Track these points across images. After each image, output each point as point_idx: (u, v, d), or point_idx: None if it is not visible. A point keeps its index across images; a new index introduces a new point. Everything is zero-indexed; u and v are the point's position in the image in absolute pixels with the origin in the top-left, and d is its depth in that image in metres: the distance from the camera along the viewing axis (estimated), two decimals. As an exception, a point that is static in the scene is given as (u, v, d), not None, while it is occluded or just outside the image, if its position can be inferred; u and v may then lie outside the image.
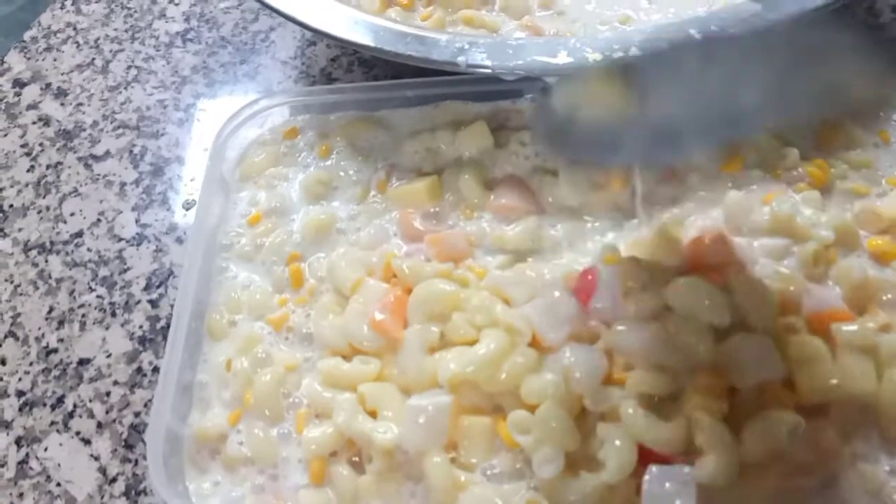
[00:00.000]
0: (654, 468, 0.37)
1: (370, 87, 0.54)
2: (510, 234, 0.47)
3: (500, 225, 0.48)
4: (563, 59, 0.46)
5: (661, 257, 0.43)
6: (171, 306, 0.52)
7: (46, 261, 0.58)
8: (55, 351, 0.53)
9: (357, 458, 0.41)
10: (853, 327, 0.39)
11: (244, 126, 0.54)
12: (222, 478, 0.42)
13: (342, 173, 0.51)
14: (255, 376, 0.44)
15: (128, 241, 0.58)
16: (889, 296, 0.41)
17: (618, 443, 0.37)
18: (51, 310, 0.55)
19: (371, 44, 0.49)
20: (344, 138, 0.53)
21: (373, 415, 0.41)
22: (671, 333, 0.39)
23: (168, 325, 0.51)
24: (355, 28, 0.50)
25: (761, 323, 0.39)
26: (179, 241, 0.57)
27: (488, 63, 0.47)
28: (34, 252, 0.59)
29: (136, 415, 0.50)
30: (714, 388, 0.38)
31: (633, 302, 0.40)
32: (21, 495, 0.48)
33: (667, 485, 0.36)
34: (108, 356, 0.53)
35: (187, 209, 0.59)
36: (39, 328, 0.55)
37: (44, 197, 0.62)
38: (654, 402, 0.39)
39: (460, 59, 0.47)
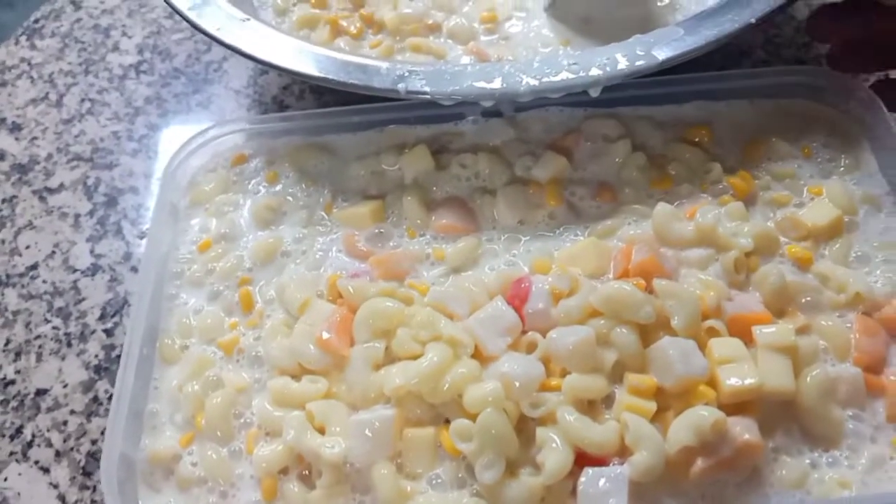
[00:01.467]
0: (589, 470, 0.39)
1: (316, 113, 0.56)
2: (450, 251, 0.49)
3: (442, 243, 0.50)
4: (497, 84, 0.49)
5: (591, 266, 0.45)
6: (124, 337, 0.53)
7: (3, 294, 0.59)
8: (13, 382, 0.54)
9: (307, 473, 0.43)
10: (772, 329, 0.42)
11: (195, 154, 0.55)
12: (175, 499, 0.43)
13: (290, 198, 0.53)
14: (206, 399, 0.45)
15: (83, 272, 0.59)
16: (808, 298, 0.44)
17: (555, 446, 0.39)
18: (7, 342, 0.56)
19: (316, 73, 0.52)
20: (291, 164, 0.55)
21: (321, 431, 0.43)
22: (601, 335, 0.41)
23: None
24: (301, 58, 0.52)
25: (685, 326, 0.41)
26: (134, 269, 0.59)
27: (427, 89, 0.49)
28: None
29: (94, 442, 0.51)
30: (642, 389, 0.40)
31: (563, 307, 0.42)
32: (-22, 530, 0.49)
33: (600, 484, 0.38)
34: (65, 386, 0.54)
35: (141, 238, 0.60)
36: None
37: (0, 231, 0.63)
38: (589, 405, 0.41)
39: (400, 86, 0.50)
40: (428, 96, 0.49)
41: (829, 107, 0.53)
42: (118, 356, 0.54)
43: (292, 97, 0.68)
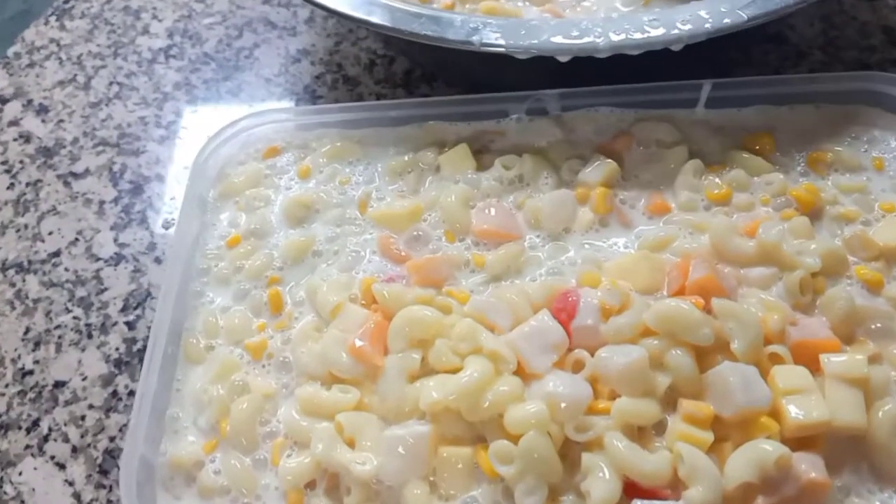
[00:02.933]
0: (638, 502, 0.36)
1: (353, 107, 0.54)
2: (491, 257, 0.46)
3: (482, 249, 0.47)
4: (576, 38, 0.46)
5: (643, 281, 0.42)
6: (149, 328, 0.52)
7: (24, 280, 0.57)
8: (31, 373, 0.53)
9: (335, 487, 0.41)
10: (843, 358, 0.39)
11: (226, 145, 0.54)
12: (196, 508, 0.42)
13: (323, 195, 0.51)
14: (232, 404, 0.43)
15: (105, 261, 0.58)
16: (878, 325, 0.41)
17: (602, 474, 0.37)
18: (27, 330, 0.55)
19: (387, 24, 0.49)
20: (325, 158, 0.53)
21: (351, 444, 0.41)
22: (654, 356, 0.39)
23: (145, 348, 0.51)
24: (371, 9, 0.50)
25: (746, 351, 0.39)
26: (158, 261, 0.57)
27: (502, 42, 0.47)
28: (11, 271, 0.58)
29: (112, 439, 0.49)
30: (699, 418, 0.38)
31: (614, 324, 0.40)
32: (-6, 522, 0.48)
33: (651, 520, 0.35)
34: (84, 379, 0.52)
35: (166, 228, 0.59)
36: (16, 349, 0.54)
37: (22, 215, 0.61)
38: (639, 432, 0.39)
39: (475, 38, 0.48)
40: (503, 49, 0.47)
41: (904, 116, 0.49)
42: (139, 350, 0.53)
43: (325, 87, 0.66)
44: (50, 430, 0.50)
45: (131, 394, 0.51)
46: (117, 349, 0.53)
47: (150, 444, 0.43)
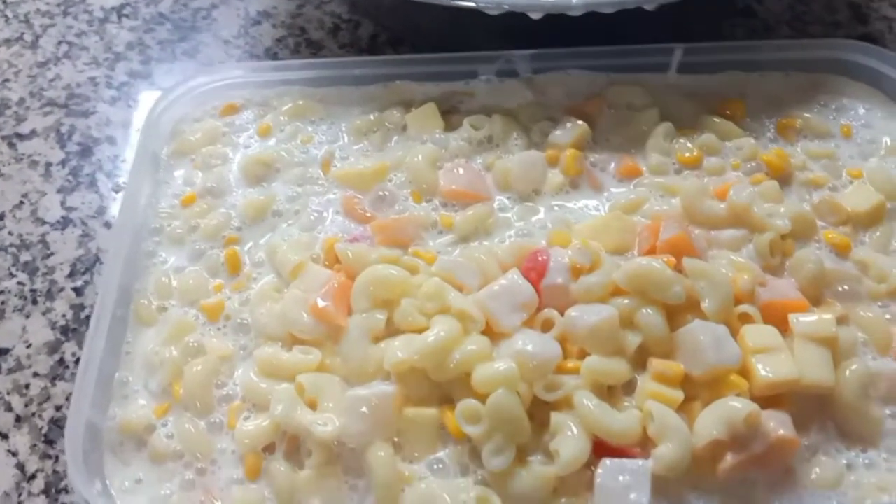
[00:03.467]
0: (607, 461, 0.36)
1: (316, 63, 0.53)
2: (459, 218, 0.46)
3: (450, 210, 0.47)
4: None
5: (613, 241, 0.42)
6: (97, 294, 0.49)
7: None
8: None
9: (295, 452, 0.39)
10: (811, 318, 0.39)
11: (181, 101, 0.52)
12: (146, 474, 0.40)
13: (284, 153, 0.50)
14: (185, 367, 0.41)
15: (52, 225, 0.55)
16: (845, 287, 0.42)
17: (571, 433, 0.36)
18: None
19: None
20: (287, 116, 0.51)
21: (312, 406, 0.39)
22: (625, 315, 0.38)
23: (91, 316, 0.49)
24: None
25: (717, 310, 0.39)
26: (108, 225, 0.55)
27: None
28: None
29: (58, 409, 0.47)
30: (669, 376, 0.37)
31: (584, 283, 0.39)
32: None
33: (620, 477, 0.35)
34: (29, 346, 0.50)
35: (117, 192, 0.56)
36: None
37: None
38: (609, 391, 0.38)
39: None
40: (474, 4, 0.46)
41: (871, 85, 0.50)
42: (88, 317, 0.50)
43: (286, 50, 0.64)
44: None
45: (79, 362, 0.48)
46: (64, 316, 0.51)
47: (98, 409, 0.41)
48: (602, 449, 0.36)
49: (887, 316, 0.41)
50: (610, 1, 0.46)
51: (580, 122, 0.48)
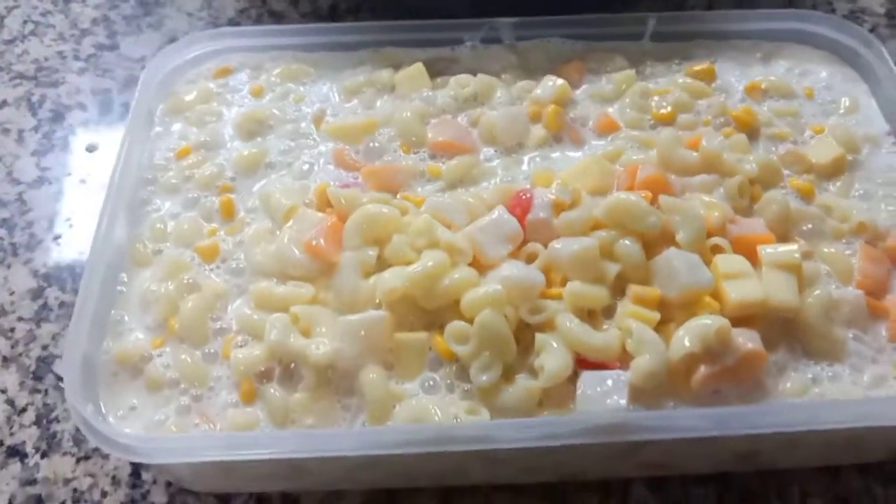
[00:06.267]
0: (587, 373, 0.39)
1: (308, 29, 0.56)
2: (446, 167, 0.49)
3: (438, 161, 0.50)
4: None
5: (593, 183, 0.46)
6: (76, 245, 0.54)
7: None
8: None
9: (288, 378, 0.42)
10: (777, 248, 0.43)
11: (173, 62, 0.55)
12: (141, 401, 0.42)
13: (276, 111, 0.53)
14: (181, 301, 0.44)
15: (28, 185, 0.58)
16: (810, 226, 0.46)
17: (554, 346, 0.40)
18: None
19: None
20: (279, 78, 0.55)
21: (306, 335, 0.42)
22: (604, 247, 0.42)
23: (74, 263, 0.53)
24: None
25: (690, 240, 0.42)
26: (83, 182, 0.58)
27: None
28: None
29: (44, 348, 0.50)
30: (646, 298, 0.41)
31: (566, 218, 0.43)
32: (-82, 431, 0.47)
33: (599, 387, 0.38)
34: (12, 294, 0.53)
35: (90, 152, 0.60)
36: None
37: None
38: (589, 315, 0.42)
39: None
40: None
41: (830, 51, 0.55)
42: (69, 265, 0.54)
43: (249, 20, 0.67)
44: None
45: (63, 305, 0.52)
46: (45, 264, 0.54)
47: (92, 344, 0.43)
48: (583, 365, 0.40)
49: (848, 252, 0.45)
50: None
51: (560, 80, 0.53)
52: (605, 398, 0.38)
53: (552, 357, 0.39)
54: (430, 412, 0.39)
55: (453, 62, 0.56)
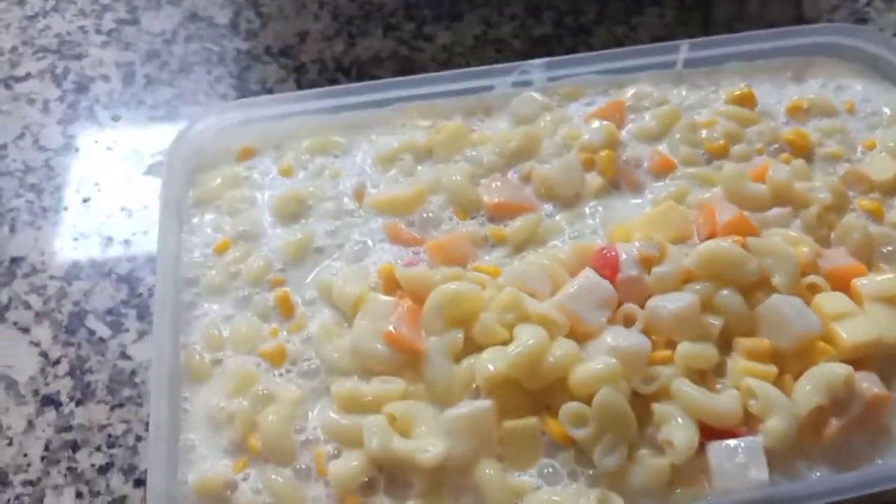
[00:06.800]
0: (716, 444, 0.38)
1: (326, 92, 0.53)
2: (510, 230, 0.47)
3: (497, 224, 0.48)
4: None
5: (672, 231, 0.44)
6: (105, 208, 0.56)
7: None
8: None
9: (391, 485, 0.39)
10: (876, 280, 0.42)
11: (191, 146, 0.51)
12: (236, 535, 0.39)
13: (313, 189, 0.50)
14: (258, 416, 0.41)
15: (55, 151, 0.59)
16: (889, 248, 0.45)
17: (678, 421, 0.38)
18: None
19: None
20: (308, 154, 0.52)
21: (404, 435, 0.39)
22: (703, 300, 0.40)
23: (103, 224, 0.55)
24: None
25: (788, 283, 0.41)
26: (110, 149, 0.59)
27: None
28: None
29: (76, 304, 0.52)
30: (758, 352, 0.40)
31: (658, 273, 0.42)
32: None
33: (737, 459, 0.37)
34: (42, 254, 0.54)
35: (116, 121, 0.61)
36: None
37: None
38: (700, 376, 0.40)
39: None
40: None
41: (859, 62, 0.55)
42: (98, 224, 0.55)
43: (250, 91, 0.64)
44: (10, 299, 0.52)
45: (93, 264, 0.53)
46: (74, 226, 0.55)
47: (168, 477, 0.40)
48: (708, 432, 0.38)
49: (934, 268, 0.45)
50: None
51: (605, 122, 0.51)
52: (744, 471, 0.36)
53: (678, 430, 0.38)
54: (562, 508, 0.37)
55: (486, 111, 0.54)
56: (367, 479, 0.39)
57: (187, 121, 0.54)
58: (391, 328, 0.42)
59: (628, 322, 0.41)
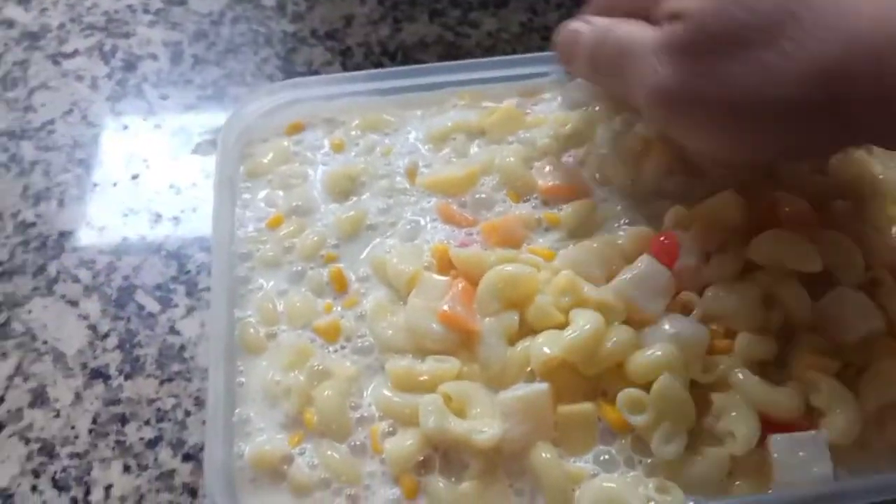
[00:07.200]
0: (778, 437, 0.37)
1: (377, 74, 0.53)
2: (564, 214, 0.47)
3: (552, 207, 0.47)
4: None
5: (734, 217, 0.43)
6: (153, 184, 0.57)
7: (18, 146, 0.59)
8: (33, 225, 0.55)
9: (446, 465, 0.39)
10: (941, 272, 0.41)
11: (243, 123, 0.51)
12: (292, 507, 0.39)
13: (366, 166, 0.50)
14: (314, 391, 0.41)
15: (103, 127, 0.60)
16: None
17: (739, 412, 0.37)
18: (25, 188, 0.57)
19: None
20: (359, 130, 0.51)
21: (459, 415, 0.39)
22: (765, 288, 0.40)
23: (151, 200, 0.56)
24: None
25: (850, 277, 0.41)
26: (158, 126, 0.60)
27: None
28: (4, 138, 0.59)
29: (125, 278, 0.52)
30: (821, 346, 0.39)
31: (717, 262, 0.41)
32: (4, 354, 0.49)
33: (800, 453, 0.36)
34: (91, 227, 0.55)
35: (164, 99, 0.62)
36: (15, 205, 0.56)
37: (11, 90, 0.62)
38: (762, 368, 0.40)
39: None
40: None
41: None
42: (147, 200, 0.56)
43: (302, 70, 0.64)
44: (59, 272, 0.53)
45: (142, 240, 0.54)
46: (123, 202, 0.56)
47: (225, 450, 0.40)
48: (769, 425, 0.38)
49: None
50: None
51: (663, 109, 0.50)
52: (807, 466, 0.36)
53: (740, 421, 0.37)
54: (619, 495, 0.37)
55: (540, 95, 0.53)
56: (422, 458, 0.39)
57: (234, 101, 0.56)
58: (446, 307, 0.41)
59: (686, 311, 0.41)
